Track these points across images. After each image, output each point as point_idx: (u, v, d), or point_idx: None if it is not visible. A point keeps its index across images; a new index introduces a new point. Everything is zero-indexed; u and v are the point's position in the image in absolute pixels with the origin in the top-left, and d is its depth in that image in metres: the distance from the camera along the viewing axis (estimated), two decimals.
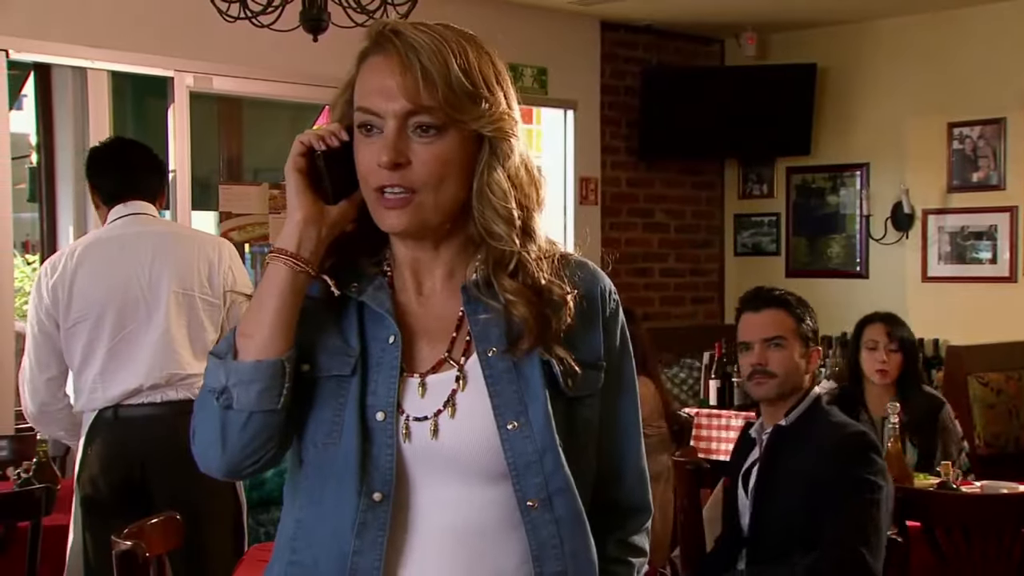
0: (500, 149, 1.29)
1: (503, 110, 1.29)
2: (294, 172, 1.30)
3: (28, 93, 4.73)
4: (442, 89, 1.25)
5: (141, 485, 2.95)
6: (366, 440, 1.27)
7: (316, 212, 1.29)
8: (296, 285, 1.28)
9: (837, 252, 6.50)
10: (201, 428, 1.31)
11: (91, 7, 4.37)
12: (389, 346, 1.30)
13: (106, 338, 2.98)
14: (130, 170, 3.15)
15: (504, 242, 1.29)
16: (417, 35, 1.26)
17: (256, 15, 3.48)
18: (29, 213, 4.97)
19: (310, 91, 5.02)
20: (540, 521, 1.29)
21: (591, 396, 1.35)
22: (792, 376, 2.69)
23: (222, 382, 1.27)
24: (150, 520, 2.47)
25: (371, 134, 1.28)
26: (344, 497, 1.27)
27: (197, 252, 3.08)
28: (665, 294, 6.61)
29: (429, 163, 1.26)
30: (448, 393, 1.30)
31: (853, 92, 6.36)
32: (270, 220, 4.99)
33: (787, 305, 2.75)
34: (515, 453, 1.28)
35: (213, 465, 1.31)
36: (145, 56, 4.55)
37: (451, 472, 1.29)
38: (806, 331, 2.73)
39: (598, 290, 1.38)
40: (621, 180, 6.43)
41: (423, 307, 1.34)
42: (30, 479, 3.18)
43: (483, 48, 1.31)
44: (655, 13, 6.10)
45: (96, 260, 3.03)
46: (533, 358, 1.30)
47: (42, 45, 4.30)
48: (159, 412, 2.97)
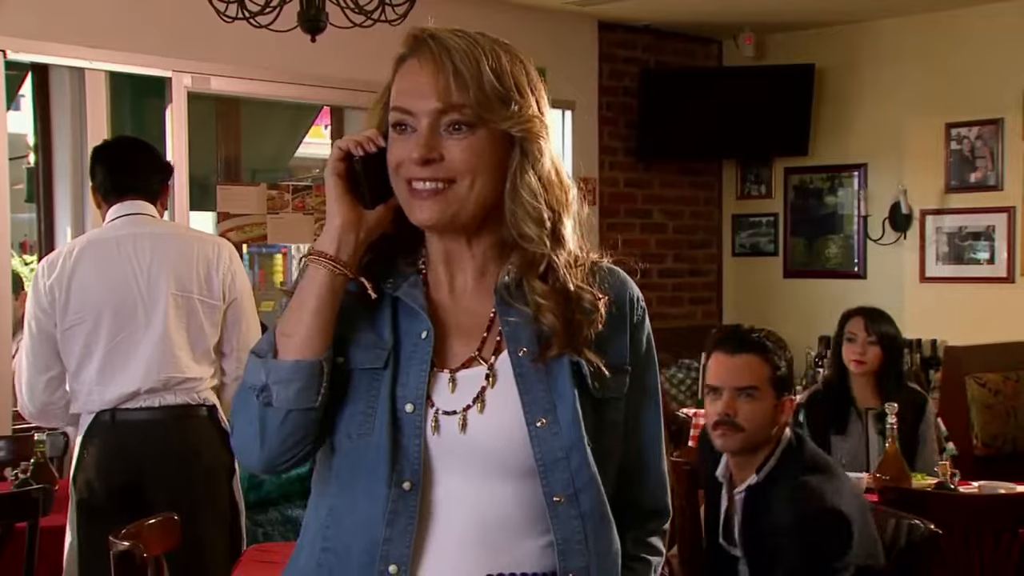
0: (531, 151, 1.33)
1: (533, 112, 1.33)
2: (333, 176, 1.34)
3: (26, 93, 4.73)
4: (473, 89, 1.29)
5: (137, 489, 2.93)
6: (396, 431, 1.31)
7: (355, 217, 1.33)
8: (335, 287, 1.32)
9: (835, 252, 6.51)
10: (239, 424, 1.35)
11: (89, 8, 4.37)
12: (422, 341, 1.34)
13: (103, 340, 2.97)
14: (131, 169, 3.13)
15: (535, 243, 1.33)
16: (452, 38, 1.31)
17: (254, 15, 3.48)
18: (27, 213, 4.97)
19: (308, 91, 5.02)
20: (566, 516, 1.31)
21: (617, 399, 1.38)
22: (761, 430, 2.49)
23: (262, 380, 1.31)
24: (148, 521, 2.47)
25: (404, 132, 1.32)
26: (376, 486, 1.30)
27: (196, 253, 3.06)
28: (663, 294, 6.62)
29: (461, 156, 1.30)
30: (478, 389, 1.33)
31: (851, 93, 6.36)
32: (268, 220, 4.99)
33: (764, 351, 2.53)
34: (543, 449, 1.30)
35: (252, 460, 1.35)
36: (143, 56, 4.55)
37: (478, 466, 1.32)
38: (781, 378, 2.53)
39: (627, 296, 1.41)
40: (619, 180, 6.44)
41: (456, 304, 1.38)
42: (27, 480, 3.17)
43: (518, 56, 1.35)
44: (653, 14, 6.10)
45: (94, 261, 3.00)
46: (562, 359, 1.33)
47: (40, 45, 4.30)
48: (157, 417, 2.96)
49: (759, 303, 6.71)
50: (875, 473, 3.31)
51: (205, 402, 3.01)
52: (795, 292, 6.61)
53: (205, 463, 2.99)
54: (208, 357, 3.04)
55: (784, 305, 6.57)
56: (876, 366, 3.66)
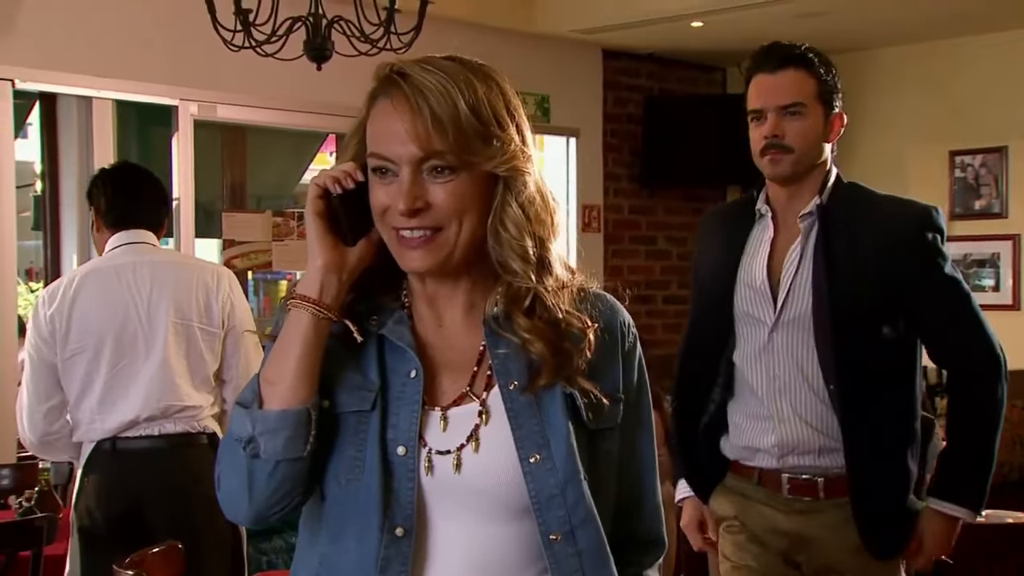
0: (515, 186, 1.29)
1: (516, 147, 1.29)
2: (313, 216, 1.30)
3: (33, 122, 4.76)
4: (452, 132, 1.24)
5: (138, 517, 2.92)
6: (388, 475, 1.27)
7: (337, 257, 1.30)
8: (319, 331, 1.29)
9: None
10: (226, 476, 1.31)
11: (96, 37, 4.40)
12: (411, 380, 1.30)
13: (104, 369, 2.97)
14: (136, 198, 3.14)
15: (520, 278, 1.29)
16: (424, 76, 1.26)
17: (260, 44, 3.51)
18: (33, 241, 4.99)
19: (314, 119, 5.04)
20: (563, 555, 1.28)
21: (611, 429, 1.35)
22: (812, 151, 2.33)
23: (248, 431, 1.27)
24: (151, 549, 2.46)
25: (386, 176, 1.28)
26: (367, 533, 1.27)
27: (195, 281, 3.07)
28: (667, 321, 6.60)
29: (448, 200, 1.27)
30: (471, 427, 1.30)
31: (853, 120, 6.30)
32: (273, 247, 5.00)
33: (808, 64, 2.33)
34: (537, 486, 1.27)
35: (240, 513, 1.31)
36: (149, 85, 4.57)
37: (473, 506, 1.29)
38: (828, 91, 2.35)
39: (617, 323, 1.38)
40: (624, 207, 6.45)
41: (443, 340, 1.34)
42: (32, 508, 3.17)
43: (492, 78, 1.30)
44: (657, 42, 6.13)
45: (94, 290, 3.01)
46: (555, 391, 1.30)
47: (48, 74, 4.32)
48: (157, 445, 2.95)
49: None
50: None
51: (205, 430, 3.01)
52: None
53: (205, 491, 2.95)
54: (208, 385, 3.04)
55: None
56: None
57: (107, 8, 4.44)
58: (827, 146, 2.39)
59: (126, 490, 2.94)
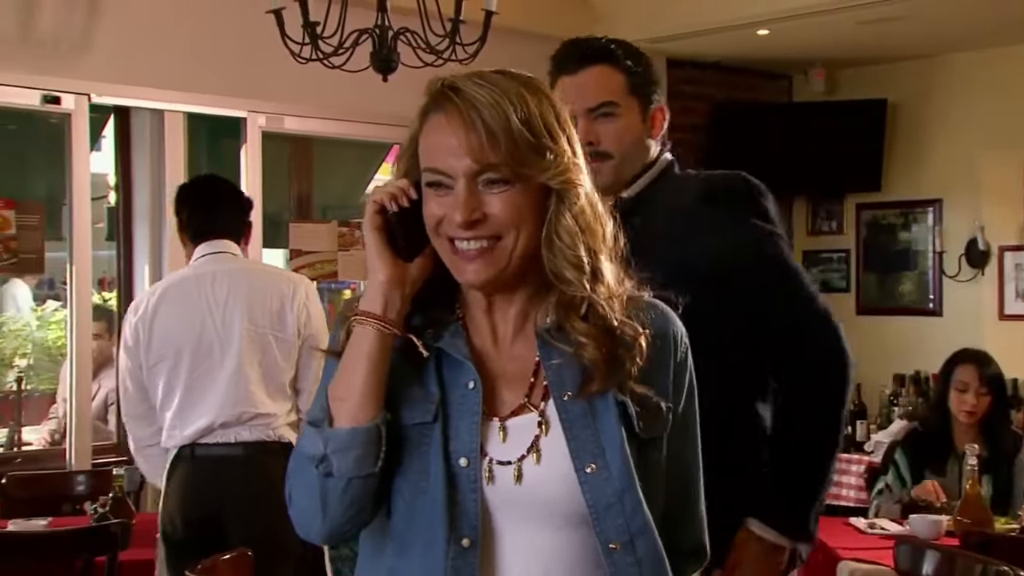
0: (568, 197, 1.30)
1: (568, 159, 1.30)
2: (373, 231, 1.31)
3: (107, 135, 4.86)
4: (505, 144, 1.26)
5: (217, 524, 2.98)
6: (452, 486, 1.28)
7: (398, 272, 1.31)
8: (384, 347, 1.29)
9: (909, 289, 6.39)
10: (299, 494, 1.32)
11: (168, 51, 4.49)
12: (470, 391, 1.31)
13: (183, 377, 3.04)
14: (217, 210, 3.22)
15: (574, 287, 1.30)
16: (476, 91, 1.27)
17: (328, 56, 3.56)
18: (106, 251, 5.09)
19: (379, 130, 5.09)
20: (623, 563, 1.29)
21: (660, 439, 1.35)
22: (633, 153, 2.04)
23: (320, 450, 1.28)
24: (222, 556, 2.49)
25: (440, 189, 1.29)
26: (434, 545, 1.27)
27: (270, 289, 3.12)
28: None
29: (504, 211, 1.28)
30: (531, 438, 1.30)
31: (925, 127, 6.27)
32: (339, 257, 5.04)
33: (612, 58, 2.04)
34: (594, 495, 1.28)
35: (314, 532, 1.33)
36: (219, 98, 4.65)
37: (535, 516, 1.29)
38: (643, 83, 2.06)
39: (671, 331, 1.38)
40: None
41: (499, 351, 1.35)
42: (106, 514, 3.22)
43: (542, 91, 1.32)
44: (722, 50, 6.09)
45: (174, 300, 3.09)
46: (608, 400, 1.30)
47: (122, 88, 4.42)
48: (233, 452, 3.01)
49: None
50: (956, 516, 3.22)
51: (281, 439, 3.05)
52: (868, 329, 6.49)
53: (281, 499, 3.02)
54: (283, 393, 3.08)
55: (857, 342, 6.36)
56: (984, 412, 3.60)
57: (178, 24, 4.53)
58: (653, 143, 2.11)
59: (205, 497, 2.99)
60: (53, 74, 4.21)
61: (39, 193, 4.65)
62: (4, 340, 5.69)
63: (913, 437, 3.74)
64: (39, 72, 4.18)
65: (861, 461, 4.94)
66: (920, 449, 3.65)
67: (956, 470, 3.56)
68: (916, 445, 3.67)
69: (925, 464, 3.61)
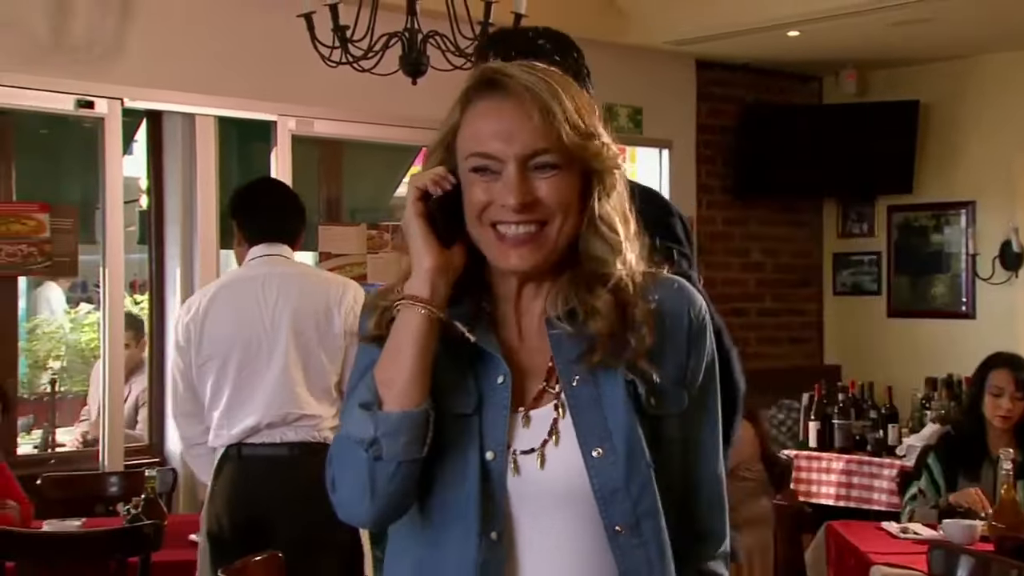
0: (608, 183, 1.33)
1: (612, 146, 1.33)
2: (417, 218, 1.31)
3: (138, 139, 4.90)
4: (560, 129, 1.28)
5: (262, 525, 2.99)
6: (485, 480, 1.30)
7: (443, 258, 1.31)
8: (431, 331, 1.30)
9: (942, 292, 6.34)
10: (344, 479, 1.33)
11: (200, 56, 4.52)
12: (499, 386, 1.32)
13: (231, 376, 3.09)
14: (277, 211, 3.27)
15: (607, 266, 1.32)
16: (528, 76, 1.30)
17: (357, 60, 3.57)
18: (138, 254, 5.13)
19: (409, 133, 5.10)
20: (628, 546, 1.30)
21: (674, 416, 1.35)
22: None
23: (371, 433, 1.28)
24: (254, 558, 2.50)
25: (486, 175, 1.30)
26: (467, 537, 1.29)
27: (319, 293, 3.16)
28: (762, 334, 6.51)
29: (554, 194, 1.30)
30: (551, 422, 1.32)
31: (958, 128, 6.22)
32: (368, 260, 5.06)
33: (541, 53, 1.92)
34: (601, 480, 1.29)
35: (359, 516, 1.34)
36: (250, 101, 4.68)
37: (555, 500, 1.31)
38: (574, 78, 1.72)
39: (684, 308, 1.37)
40: (717, 219, 6.38)
41: (523, 344, 1.36)
42: (139, 515, 3.25)
43: (575, 85, 1.35)
44: (752, 52, 6.06)
45: (225, 300, 3.14)
46: (616, 381, 1.31)
47: (154, 93, 4.45)
48: (279, 453, 3.04)
49: (862, 343, 6.57)
50: (990, 521, 3.19)
51: (326, 441, 3.07)
52: (900, 332, 6.45)
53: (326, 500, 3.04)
54: (329, 396, 3.11)
55: (888, 345, 6.42)
56: (1019, 417, 3.56)
57: (209, 28, 4.56)
58: None
59: (251, 497, 3.02)
60: (86, 79, 4.25)
61: (72, 197, 4.69)
62: (38, 342, 5.75)
63: (946, 442, 3.71)
64: (73, 76, 4.22)
65: (893, 465, 4.90)
66: (953, 454, 3.62)
67: (990, 475, 3.52)
68: (949, 450, 3.64)
69: (959, 469, 3.57)
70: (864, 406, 5.27)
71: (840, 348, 6.69)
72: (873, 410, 5.23)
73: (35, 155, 4.67)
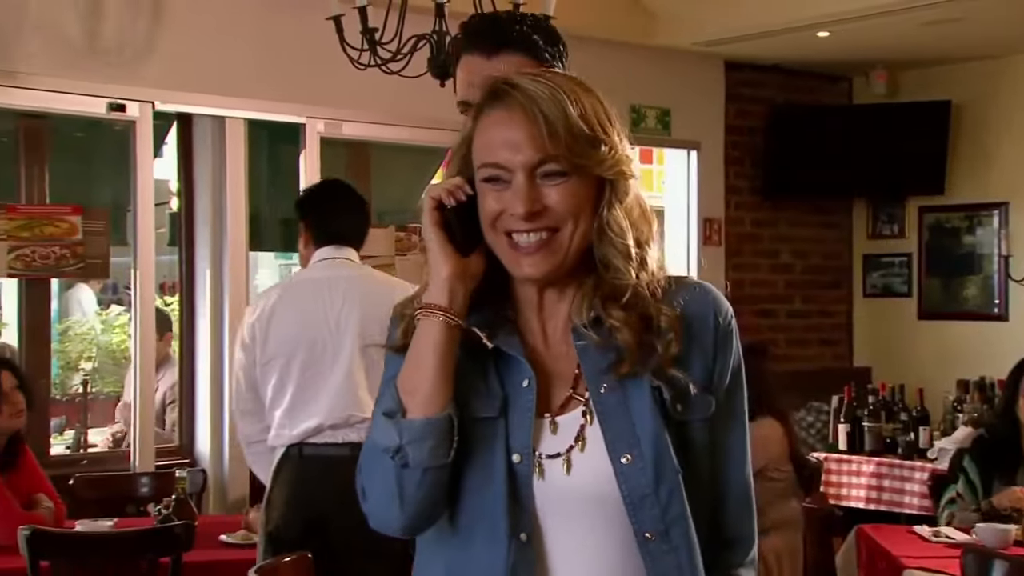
0: (620, 188, 1.33)
1: (622, 152, 1.33)
2: (434, 227, 1.33)
3: (169, 141, 4.94)
4: (565, 137, 1.29)
5: (321, 525, 3.00)
6: (512, 482, 1.30)
7: (460, 267, 1.33)
8: (451, 339, 1.31)
9: (974, 294, 6.28)
10: (372, 487, 1.35)
11: (229, 59, 4.55)
12: (524, 389, 1.33)
13: (295, 376, 3.11)
14: (346, 215, 3.30)
15: (622, 275, 1.32)
16: (535, 86, 1.31)
17: (386, 62, 3.58)
18: (168, 256, 5.17)
19: (436, 135, 5.11)
20: (658, 552, 1.30)
21: (701, 420, 1.35)
22: None
23: (396, 441, 1.30)
24: (284, 558, 2.52)
25: (497, 184, 1.32)
26: (495, 540, 1.30)
27: (383, 297, 3.14)
28: (791, 336, 6.48)
29: (563, 201, 1.30)
30: (578, 427, 1.32)
31: (990, 129, 6.16)
32: (396, 261, 5.08)
33: (532, 48, 1.82)
34: (630, 486, 1.29)
35: (390, 524, 1.35)
36: (279, 104, 4.71)
37: (581, 506, 1.31)
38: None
39: (710, 312, 1.37)
40: (745, 220, 6.35)
41: (549, 349, 1.37)
42: (170, 515, 3.27)
43: (590, 90, 1.35)
44: (782, 53, 6.03)
45: (292, 301, 3.17)
46: (643, 388, 1.31)
47: (185, 96, 4.49)
48: (341, 453, 3.05)
49: (892, 344, 6.52)
50: None
51: None
52: (931, 334, 6.40)
53: None
54: None
55: (919, 347, 6.37)
56: None
57: (239, 31, 4.59)
58: None
59: (310, 497, 3.03)
60: (118, 82, 4.29)
61: (104, 199, 4.74)
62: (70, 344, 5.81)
63: (980, 444, 3.68)
64: (105, 80, 4.26)
65: (924, 468, 4.85)
66: (988, 456, 3.59)
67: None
68: (984, 452, 3.61)
69: (994, 472, 3.54)
70: (895, 408, 5.23)
71: (870, 350, 6.64)
72: (904, 412, 5.18)
73: (68, 158, 4.72)
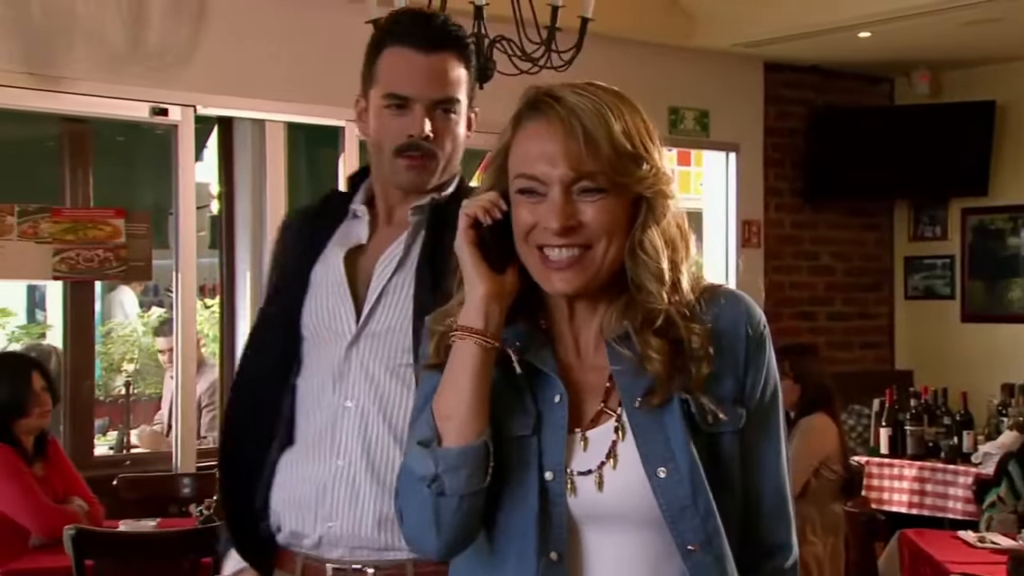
0: (657, 208, 1.30)
1: (663, 171, 1.30)
2: (468, 246, 1.31)
3: (209, 145, 4.99)
4: (606, 153, 1.26)
5: None
6: (544, 500, 1.29)
7: (496, 286, 1.31)
8: (487, 362, 1.29)
9: (1019, 296, 6.19)
10: (409, 513, 1.33)
11: (269, 63, 4.59)
12: (556, 405, 1.31)
13: None
14: None
15: (654, 299, 1.29)
16: (577, 99, 1.28)
17: None
18: (209, 259, 5.22)
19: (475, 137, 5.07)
20: (703, 563, 1.28)
21: (732, 432, 1.32)
22: (456, 156, 1.82)
23: (432, 470, 1.28)
24: None
25: (532, 196, 1.29)
26: (525, 558, 1.29)
27: None
28: (832, 339, 6.42)
29: (598, 219, 1.28)
30: (609, 444, 1.30)
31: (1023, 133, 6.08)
32: None
33: (464, 50, 1.80)
34: (667, 499, 1.27)
35: (430, 548, 1.33)
36: (318, 107, 4.73)
37: (615, 522, 1.30)
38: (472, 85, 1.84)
39: (742, 323, 1.34)
40: (785, 222, 6.31)
41: (581, 362, 1.35)
42: (211, 516, 3.30)
43: (634, 106, 1.32)
44: (822, 53, 5.99)
45: None
46: (674, 402, 1.29)
47: (226, 100, 4.53)
48: None
49: (934, 347, 6.45)
50: None
51: None
52: (974, 337, 6.32)
53: None
54: None
55: (962, 350, 6.29)
56: None
57: (278, 36, 4.62)
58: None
59: None
60: (161, 86, 4.34)
61: (146, 202, 4.80)
62: (113, 345, 5.88)
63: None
64: (147, 84, 4.31)
65: (968, 473, 4.79)
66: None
67: None
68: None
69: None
70: (937, 412, 5.17)
71: (912, 353, 6.57)
72: (947, 416, 5.12)
73: (112, 162, 4.79)
